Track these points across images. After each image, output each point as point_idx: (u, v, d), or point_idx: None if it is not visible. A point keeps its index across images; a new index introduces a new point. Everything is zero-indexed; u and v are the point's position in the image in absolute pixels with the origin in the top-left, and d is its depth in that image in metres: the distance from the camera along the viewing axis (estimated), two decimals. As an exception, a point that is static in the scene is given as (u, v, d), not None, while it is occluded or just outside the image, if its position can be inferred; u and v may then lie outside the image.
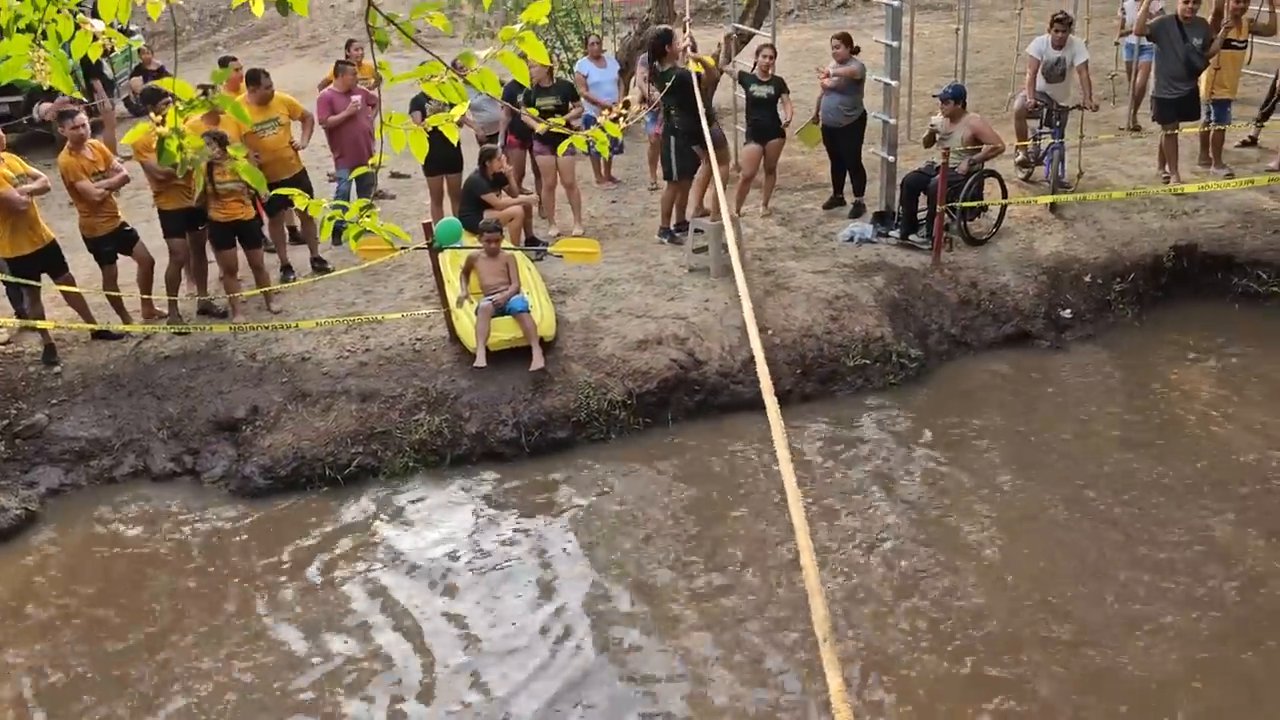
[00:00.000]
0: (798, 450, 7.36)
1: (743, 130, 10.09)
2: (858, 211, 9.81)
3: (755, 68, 9.55)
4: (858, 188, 9.90)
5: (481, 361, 7.68)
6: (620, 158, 11.49)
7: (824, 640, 1.88)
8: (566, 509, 6.98)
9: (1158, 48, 9.67)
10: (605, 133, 3.08)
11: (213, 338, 8.20)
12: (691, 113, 8.60)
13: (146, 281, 8.44)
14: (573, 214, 9.93)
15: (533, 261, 8.95)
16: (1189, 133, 9.87)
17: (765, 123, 9.54)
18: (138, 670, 5.79)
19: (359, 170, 3.64)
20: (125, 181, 8.29)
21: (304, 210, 3.06)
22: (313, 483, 7.32)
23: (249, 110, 8.86)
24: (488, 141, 9.98)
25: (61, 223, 8.83)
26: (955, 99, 9.05)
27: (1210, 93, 9.80)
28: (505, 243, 8.35)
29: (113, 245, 8.24)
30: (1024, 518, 6.53)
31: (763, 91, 9.47)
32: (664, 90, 8.45)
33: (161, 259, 8.46)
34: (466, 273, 8.11)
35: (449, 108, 2.75)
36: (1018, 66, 11.95)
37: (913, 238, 9.12)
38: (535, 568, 6.42)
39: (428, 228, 8.16)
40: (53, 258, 8.04)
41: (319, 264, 9.25)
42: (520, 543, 6.66)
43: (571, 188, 9.87)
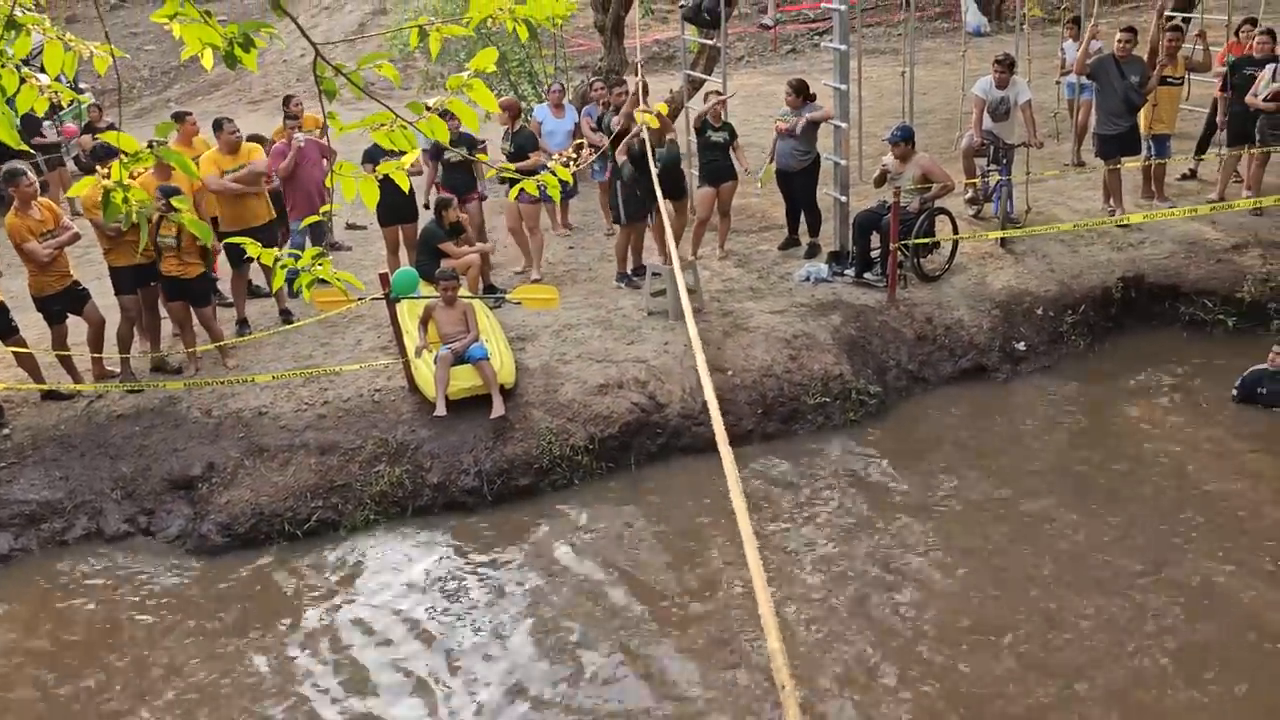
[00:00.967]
0: (760, 489, 7.36)
1: (696, 174, 10.21)
2: (813, 252, 9.92)
3: (708, 114, 9.70)
4: (812, 228, 10.02)
5: (441, 410, 7.63)
6: (576, 203, 11.55)
7: (783, 688, 1.88)
8: (530, 557, 6.91)
9: (1097, 86, 9.93)
10: (556, 177, 3.09)
11: (166, 395, 8.08)
12: (635, 159, 8.75)
13: (97, 341, 8.30)
14: (532, 260, 9.95)
15: (491, 309, 8.93)
16: (1131, 167, 10.11)
17: (719, 166, 9.67)
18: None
19: (309, 219, 3.63)
20: (75, 239, 8.19)
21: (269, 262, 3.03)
22: (272, 539, 7.20)
23: (219, 158, 8.85)
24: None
25: (10, 282, 8.70)
26: (904, 140, 9.22)
27: (1149, 128, 10.06)
28: (463, 291, 8.33)
29: (62, 304, 8.11)
30: (985, 551, 6.56)
31: (719, 136, 9.64)
32: (610, 136, 8.66)
33: (113, 317, 8.34)
34: (425, 322, 8.07)
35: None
36: (964, 106, 12.21)
37: (868, 276, 9.23)
38: (499, 618, 6.33)
39: (384, 278, 8.12)
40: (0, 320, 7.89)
41: (286, 315, 9.18)
42: (484, 593, 6.58)
43: (534, 232, 9.89)
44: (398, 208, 9.39)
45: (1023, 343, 8.85)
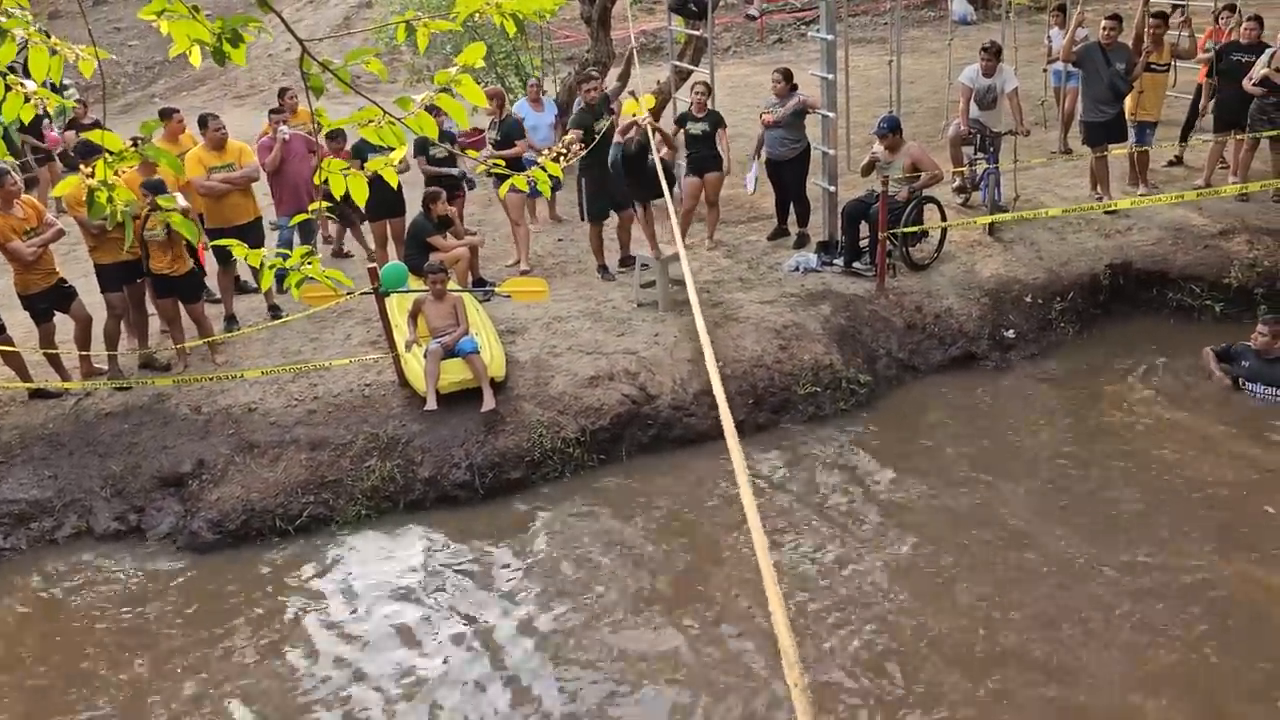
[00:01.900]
0: (752, 480, 7.36)
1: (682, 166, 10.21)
2: (802, 242, 9.92)
3: (691, 105, 9.69)
4: (801, 218, 10.02)
5: (432, 405, 7.62)
6: (568, 196, 11.53)
7: (794, 685, 1.86)
8: (523, 551, 6.91)
9: (1083, 73, 9.94)
10: (546, 172, 3.08)
11: (155, 392, 8.05)
12: (598, 156, 8.76)
13: (84, 339, 8.25)
14: (519, 252, 9.95)
15: (481, 302, 8.92)
16: (1118, 154, 10.14)
17: (703, 157, 9.67)
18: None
19: (299, 217, 3.61)
20: (60, 236, 8.13)
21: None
22: (263, 535, 7.18)
23: (205, 155, 8.80)
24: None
25: (-4, 281, 8.66)
26: (892, 131, 9.23)
27: (1134, 115, 10.08)
28: (452, 284, 8.32)
29: (48, 302, 8.06)
30: (977, 539, 6.58)
31: (698, 128, 9.62)
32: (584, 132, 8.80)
33: (99, 314, 8.30)
34: (414, 316, 8.06)
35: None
36: (950, 95, 12.23)
37: (857, 265, 9.24)
38: (493, 611, 6.33)
39: (373, 272, 8.10)
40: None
41: (274, 310, 9.15)
42: (477, 586, 6.58)
43: (519, 224, 9.89)
44: (386, 203, 9.39)
45: (1012, 330, 8.88)
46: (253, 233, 9.00)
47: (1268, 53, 9.58)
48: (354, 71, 2.66)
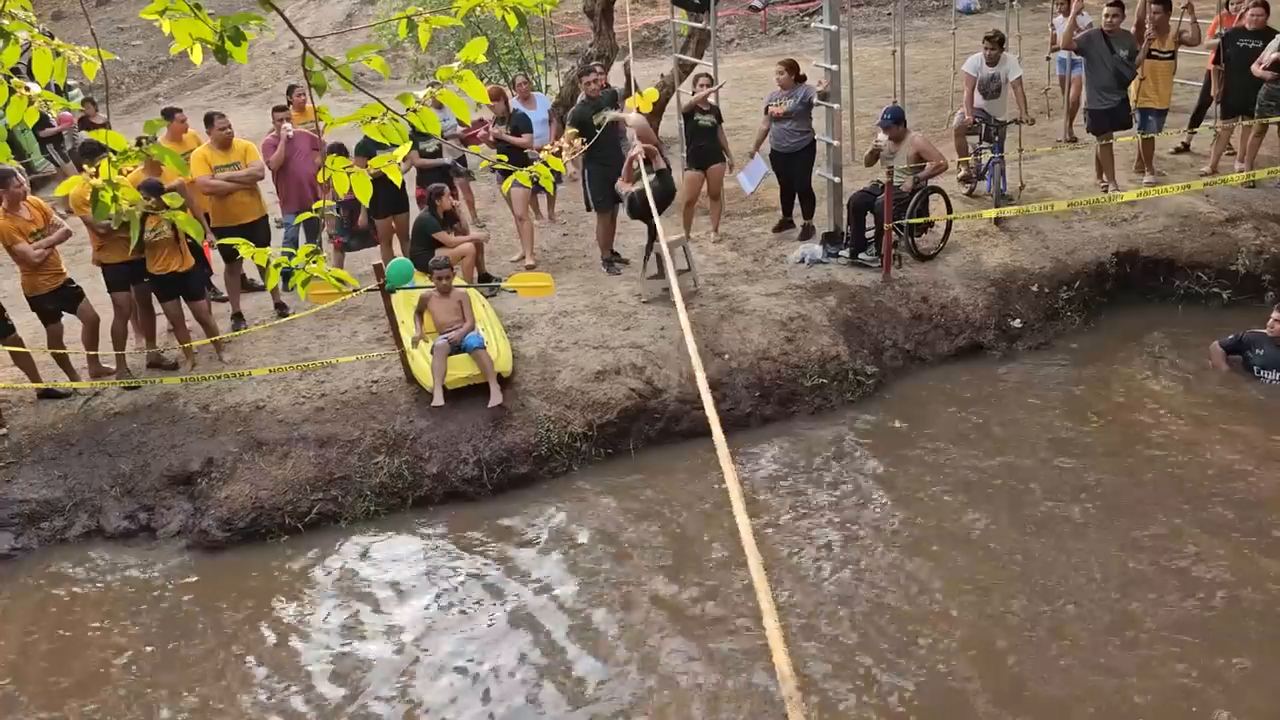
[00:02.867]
0: (759, 473, 7.37)
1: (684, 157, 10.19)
2: (807, 234, 9.91)
3: (698, 100, 9.67)
4: (806, 210, 10.01)
5: (439, 401, 7.63)
6: (563, 203, 11.52)
7: (789, 698, 1.86)
8: (531, 546, 6.92)
9: (1087, 61, 9.90)
10: (549, 167, 3.08)
11: (163, 390, 8.07)
12: (605, 147, 8.69)
13: (92, 339, 8.27)
14: (524, 247, 9.96)
15: (486, 298, 8.92)
16: (1124, 142, 10.10)
17: (706, 149, 9.66)
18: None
19: (304, 215, 3.62)
20: (66, 237, 8.14)
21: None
22: (273, 532, 7.21)
23: (210, 154, 8.82)
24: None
25: (3, 282, 8.68)
26: (896, 123, 9.20)
27: (1138, 102, 10.03)
28: (458, 280, 8.33)
29: (56, 303, 8.09)
30: (985, 529, 6.58)
31: (706, 120, 9.61)
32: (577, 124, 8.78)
33: (107, 315, 8.32)
34: (420, 312, 8.07)
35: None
36: (955, 85, 12.19)
37: (862, 256, 9.23)
38: (502, 606, 6.35)
39: (379, 269, 8.11)
40: (-5, 320, 7.89)
41: (281, 308, 9.16)
42: (486, 581, 6.59)
43: (523, 219, 9.91)
44: (390, 199, 9.39)
45: (1018, 320, 8.86)
46: (259, 231, 9.02)
47: (1278, 38, 9.53)
48: (356, 68, 2.66)
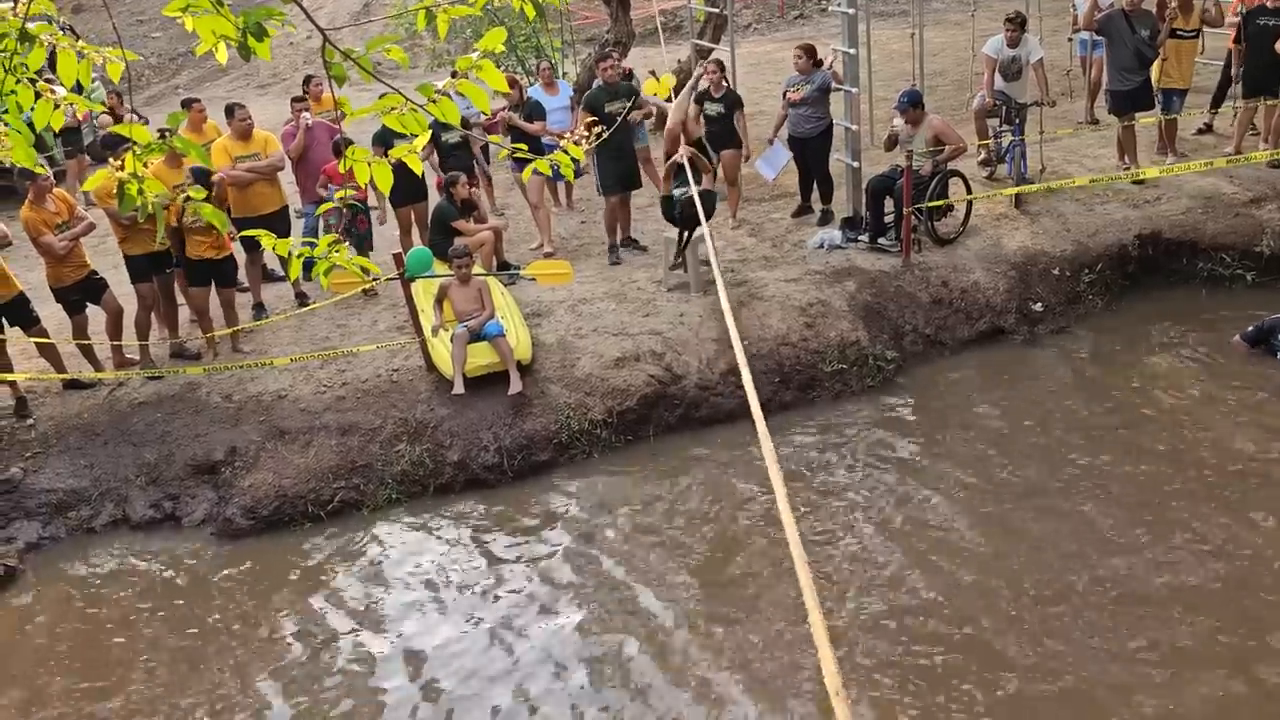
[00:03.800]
0: (780, 459, 7.36)
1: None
2: (826, 218, 9.87)
3: (709, 84, 9.62)
4: (825, 195, 9.96)
5: (459, 389, 7.67)
6: (580, 192, 11.50)
7: (835, 694, 1.82)
8: (553, 533, 6.95)
9: (1108, 41, 9.80)
10: (569, 155, 3.09)
11: (187, 380, 8.14)
12: (616, 134, 8.56)
13: (116, 330, 8.35)
14: (542, 234, 9.98)
15: (506, 286, 8.95)
16: (1146, 123, 10.00)
17: (720, 135, 9.61)
18: (128, 721, 5.72)
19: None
20: (90, 229, 8.22)
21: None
22: (296, 520, 7.27)
23: (231, 144, 8.88)
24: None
25: (29, 274, 8.76)
26: (913, 106, 9.14)
27: (1160, 82, 9.93)
28: (477, 268, 8.35)
29: (80, 294, 8.17)
30: (1009, 514, 6.56)
31: (714, 109, 9.56)
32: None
33: (130, 305, 8.39)
34: (440, 301, 8.09)
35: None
36: (975, 67, 12.10)
37: (882, 241, 9.19)
38: (524, 593, 6.38)
39: (398, 258, 8.14)
40: (20, 311, 7.96)
41: (301, 298, 9.21)
42: (508, 569, 6.63)
43: (539, 207, 9.92)
44: (409, 188, 9.41)
45: (1040, 303, 8.80)
46: (279, 221, 9.07)
47: None
48: (374, 58, 2.67)
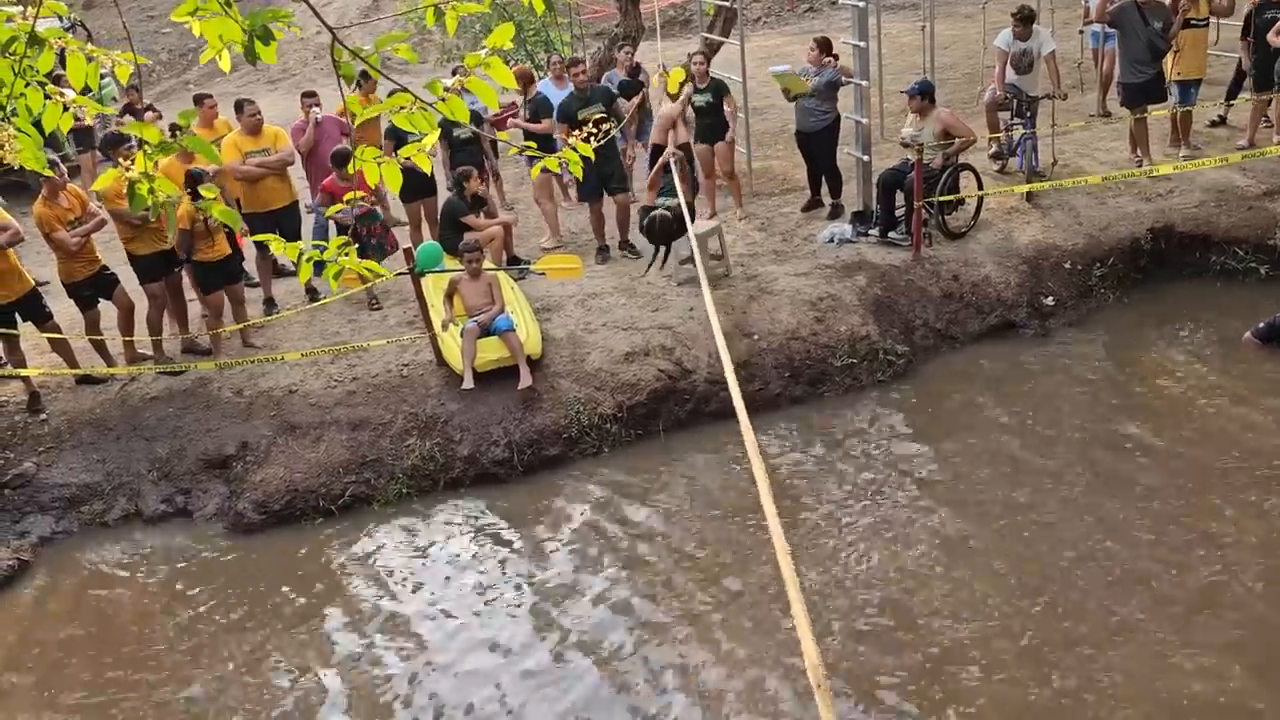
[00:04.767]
0: (789, 453, 7.37)
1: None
2: (835, 213, 9.84)
3: (693, 76, 9.52)
4: (834, 189, 9.94)
5: (469, 383, 7.68)
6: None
7: (818, 686, 1.86)
8: (562, 526, 6.96)
9: (1120, 33, 9.74)
10: (578, 153, 3.08)
11: (198, 376, 8.17)
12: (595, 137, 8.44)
13: (128, 325, 8.39)
14: (548, 228, 9.98)
15: (515, 280, 8.95)
16: (1158, 115, 9.94)
17: (710, 126, 9.59)
18: (139, 717, 5.74)
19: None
20: (102, 225, 8.25)
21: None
22: (307, 515, 7.30)
23: (241, 140, 8.90)
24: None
25: (41, 269, 8.82)
26: (923, 94, 9.11)
27: (1173, 74, 9.86)
28: (487, 263, 8.35)
29: (92, 290, 8.20)
30: (1019, 509, 6.54)
31: (701, 99, 9.53)
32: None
33: (142, 301, 8.42)
34: (450, 296, 8.10)
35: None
36: (986, 60, 12.05)
37: (892, 235, 9.16)
38: (532, 588, 6.40)
39: (408, 253, 8.15)
40: (33, 306, 8.00)
41: (312, 293, 9.24)
42: (516, 563, 6.65)
43: (544, 203, 9.92)
44: (419, 183, 9.42)
45: (1051, 297, 8.77)
46: (289, 216, 9.10)
47: None
48: (383, 54, 2.67)
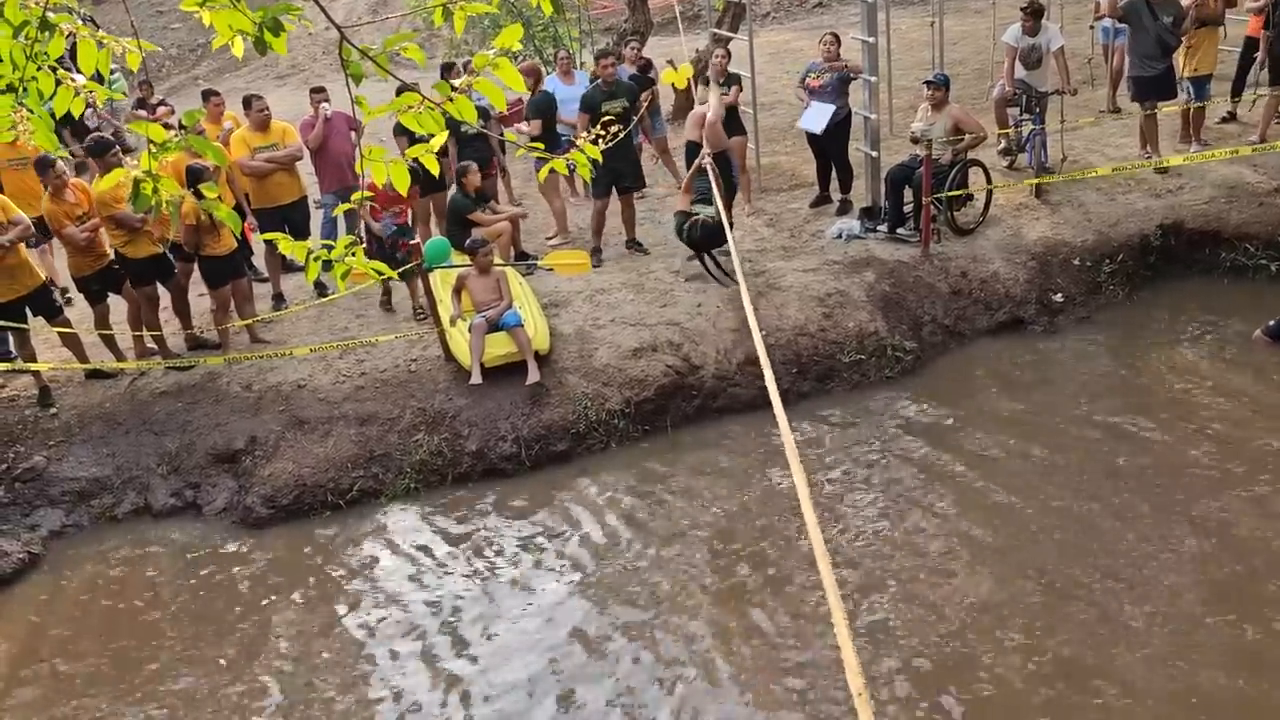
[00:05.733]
0: (798, 450, 7.36)
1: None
2: (844, 208, 9.83)
3: (711, 70, 9.62)
4: (844, 185, 9.93)
5: (477, 379, 7.69)
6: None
7: (858, 695, 1.80)
8: (570, 522, 6.97)
9: (1130, 28, 9.71)
10: (585, 154, 3.08)
11: (207, 370, 8.20)
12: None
13: (137, 319, 8.41)
14: (556, 224, 9.98)
15: (524, 276, 8.96)
16: (1168, 111, 9.90)
17: (727, 122, 9.58)
18: (147, 710, 5.77)
19: (343, 206, 3.66)
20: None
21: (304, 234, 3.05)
22: (315, 509, 7.32)
23: (249, 135, 8.92)
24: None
25: (55, 262, 8.85)
26: (943, 86, 9.11)
27: (1187, 70, 9.81)
28: (495, 258, 8.36)
29: (101, 284, 8.23)
30: (1028, 506, 6.53)
31: (719, 93, 9.52)
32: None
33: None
34: (458, 291, 8.12)
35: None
36: (995, 56, 12.00)
37: (900, 231, 9.15)
38: (540, 583, 6.41)
39: (416, 248, 8.17)
40: (43, 300, 8.03)
41: (320, 288, 9.25)
42: (526, 558, 6.66)
43: (553, 199, 9.92)
44: (428, 179, 9.40)
45: (1060, 294, 8.74)
46: (298, 211, 9.11)
47: None
48: (390, 53, 2.67)
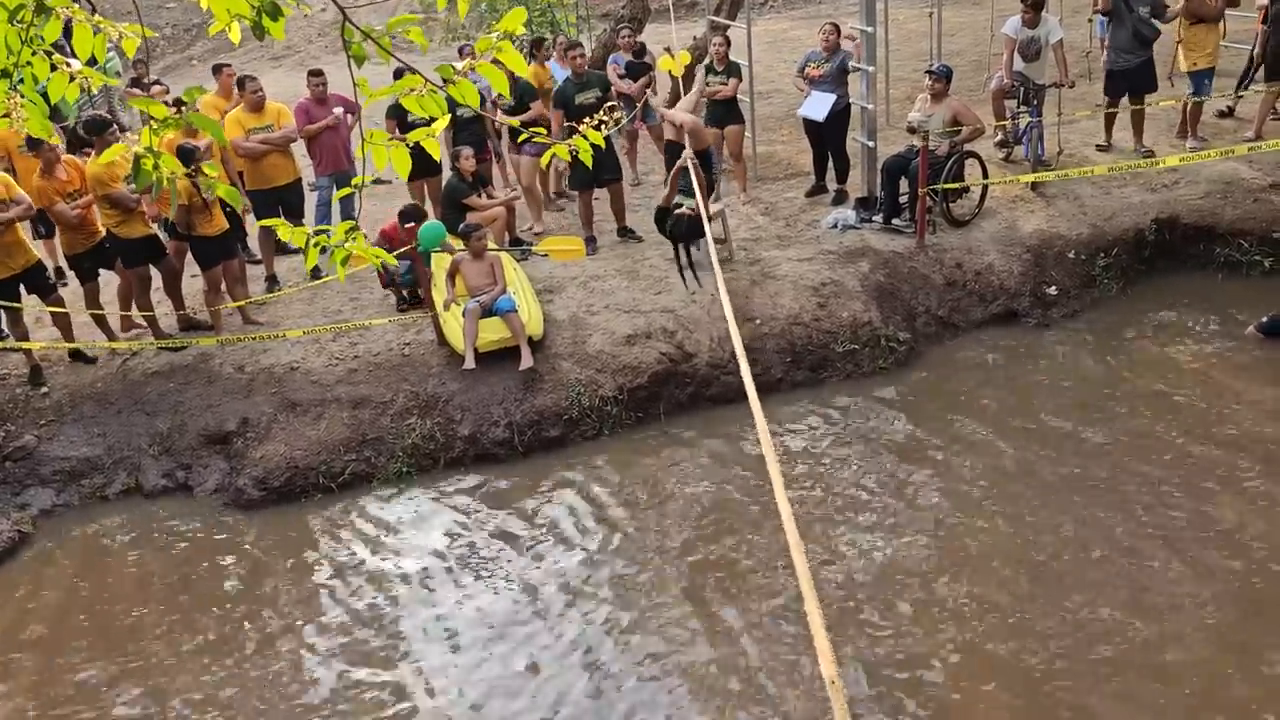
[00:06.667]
0: (790, 438, 7.38)
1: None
2: (840, 198, 9.83)
3: (712, 58, 9.59)
4: (840, 175, 9.92)
5: (470, 363, 7.68)
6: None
7: (831, 683, 1.86)
8: (561, 508, 6.98)
9: (1112, 21, 9.73)
10: (588, 140, 3.07)
11: (199, 351, 8.17)
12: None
13: (127, 296, 8.38)
14: (532, 216, 9.90)
15: (518, 261, 8.94)
16: (1165, 106, 9.90)
17: (723, 109, 9.58)
18: (137, 689, 5.77)
19: (342, 191, 3.64)
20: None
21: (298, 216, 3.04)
22: (307, 492, 7.31)
23: (244, 116, 8.86)
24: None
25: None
26: (945, 78, 9.11)
27: (1185, 65, 9.81)
28: (489, 244, 8.34)
29: (92, 262, 8.19)
30: (1018, 498, 6.55)
31: (717, 82, 9.51)
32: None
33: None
34: (452, 275, 8.10)
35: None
36: (993, 47, 12.00)
37: (896, 222, 9.15)
38: (531, 568, 6.42)
39: (411, 231, 8.14)
40: (37, 279, 7.99)
41: (315, 270, 9.21)
42: (516, 543, 6.66)
43: (531, 189, 9.84)
44: (423, 162, 9.36)
45: (1054, 287, 8.76)
46: (292, 193, 9.07)
47: None
48: (391, 35, 2.66)
